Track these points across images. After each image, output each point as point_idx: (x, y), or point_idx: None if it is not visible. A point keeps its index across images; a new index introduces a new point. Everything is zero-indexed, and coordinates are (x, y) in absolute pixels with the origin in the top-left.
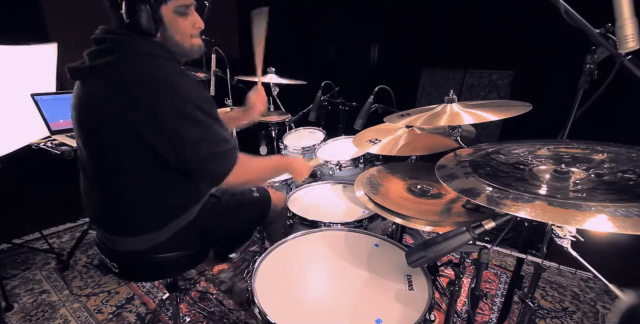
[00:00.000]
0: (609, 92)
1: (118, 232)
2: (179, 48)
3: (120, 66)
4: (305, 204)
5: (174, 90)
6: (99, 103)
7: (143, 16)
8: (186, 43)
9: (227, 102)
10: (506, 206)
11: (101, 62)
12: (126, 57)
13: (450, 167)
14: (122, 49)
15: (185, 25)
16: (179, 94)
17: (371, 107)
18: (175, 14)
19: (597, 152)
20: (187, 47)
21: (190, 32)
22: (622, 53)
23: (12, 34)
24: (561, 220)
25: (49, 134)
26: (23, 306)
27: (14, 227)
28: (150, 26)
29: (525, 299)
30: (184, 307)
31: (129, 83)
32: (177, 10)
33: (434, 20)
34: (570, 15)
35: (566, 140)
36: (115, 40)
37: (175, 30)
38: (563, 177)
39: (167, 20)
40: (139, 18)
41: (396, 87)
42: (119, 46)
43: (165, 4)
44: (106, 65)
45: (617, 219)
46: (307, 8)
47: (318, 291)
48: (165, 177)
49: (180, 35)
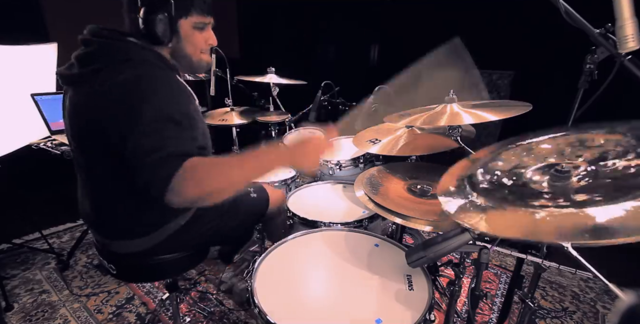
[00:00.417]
0: (609, 92)
1: (110, 236)
2: (187, 60)
3: (108, 73)
4: (305, 204)
5: (149, 98)
6: (87, 109)
7: (160, 25)
8: (195, 56)
9: (227, 102)
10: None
11: (90, 68)
12: (115, 62)
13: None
14: (111, 54)
15: (199, 39)
16: (151, 102)
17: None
18: (194, 28)
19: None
20: (195, 60)
21: (201, 46)
22: (622, 53)
23: (12, 34)
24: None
25: (49, 134)
26: (23, 306)
27: (14, 227)
28: (165, 36)
29: (525, 299)
30: (184, 307)
31: (114, 90)
32: (196, 25)
33: (434, 20)
34: (570, 15)
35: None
36: (104, 44)
37: (188, 43)
38: (564, 177)
39: (184, 33)
40: (156, 26)
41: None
42: (108, 51)
43: (186, 18)
44: (96, 71)
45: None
46: (307, 8)
47: (318, 291)
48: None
49: (192, 48)
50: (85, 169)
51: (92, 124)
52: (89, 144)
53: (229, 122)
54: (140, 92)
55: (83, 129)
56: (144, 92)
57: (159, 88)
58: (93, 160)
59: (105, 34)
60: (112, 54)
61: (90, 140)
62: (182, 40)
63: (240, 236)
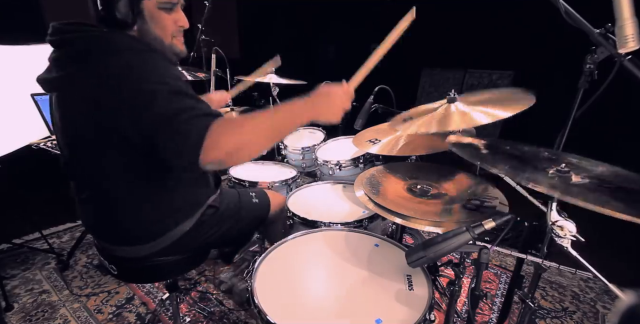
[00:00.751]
0: (609, 92)
1: (112, 241)
2: (158, 42)
3: (91, 70)
4: (305, 204)
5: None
6: (80, 112)
7: (120, 6)
8: (166, 40)
9: (227, 102)
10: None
11: (72, 70)
12: (99, 54)
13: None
14: (90, 50)
15: (168, 21)
16: (147, 78)
17: (371, 107)
18: (159, 9)
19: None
20: (166, 43)
21: (172, 29)
22: (622, 53)
23: (12, 34)
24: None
25: (49, 134)
26: (23, 306)
27: (14, 227)
28: (127, 18)
29: (525, 299)
30: (184, 307)
31: (103, 84)
32: (162, 6)
33: (434, 21)
34: (570, 15)
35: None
36: (82, 41)
37: (155, 24)
38: (563, 177)
39: (148, 14)
40: (115, 8)
41: (396, 87)
42: (86, 48)
43: None
44: (78, 71)
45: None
46: (307, 8)
47: (318, 291)
48: (156, 190)
49: (160, 30)
50: (84, 176)
51: (93, 121)
52: (89, 144)
53: None
54: (141, 73)
55: (84, 130)
56: (144, 73)
57: (158, 66)
58: (95, 162)
59: (72, 29)
60: (90, 49)
61: (92, 137)
62: (148, 22)
63: (240, 238)
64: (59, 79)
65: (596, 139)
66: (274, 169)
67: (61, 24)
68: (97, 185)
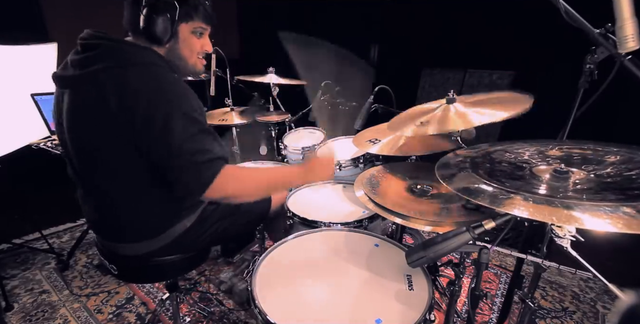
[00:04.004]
0: (609, 92)
1: (114, 239)
2: (182, 62)
3: (115, 73)
4: (305, 204)
5: (167, 98)
6: (92, 111)
7: (161, 25)
8: (191, 60)
9: (227, 102)
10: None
11: (94, 69)
12: (121, 65)
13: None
14: (116, 56)
15: (197, 44)
16: (171, 103)
17: (371, 107)
18: (192, 33)
19: (611, 153)
20: (190, 63)
21: (197, 51)
22: (622, 53)
23: (12, 34)
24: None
25: (49, 134)
26: (23, 306)
27: (14, 227)
28: (164, 36)
29: (525, 299)
30: (184, 307)
31: (125, 90)
32: (195, 30)
33: (434, 20)
34: (570, 15)
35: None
36: (107, 47)
37: (185, 46)
38: (562, 177)
39: (182, 36)
40: (157, 25)
41: (396, 87)
42: (113, 53)
43: (187, 23)
44: (100, 71)
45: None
46: (307, 8)
47: (318, 291)
48: (159, 186)
49: (188, 52)
50: (88, 174)
51: (104, 121)
52: (97, 145)
53: (229, 122)
54: (162, 92)
55: (91, 128)
56: (167, 93)
57: (178, 90)
58: (101, 162)
59: (103, 36)
60: (116, 57)
61: (100, 139)
62: (179, 43)
63: (242, 236)
64: (78, 76)
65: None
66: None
67: (94, 31)
68: (100, 182)
